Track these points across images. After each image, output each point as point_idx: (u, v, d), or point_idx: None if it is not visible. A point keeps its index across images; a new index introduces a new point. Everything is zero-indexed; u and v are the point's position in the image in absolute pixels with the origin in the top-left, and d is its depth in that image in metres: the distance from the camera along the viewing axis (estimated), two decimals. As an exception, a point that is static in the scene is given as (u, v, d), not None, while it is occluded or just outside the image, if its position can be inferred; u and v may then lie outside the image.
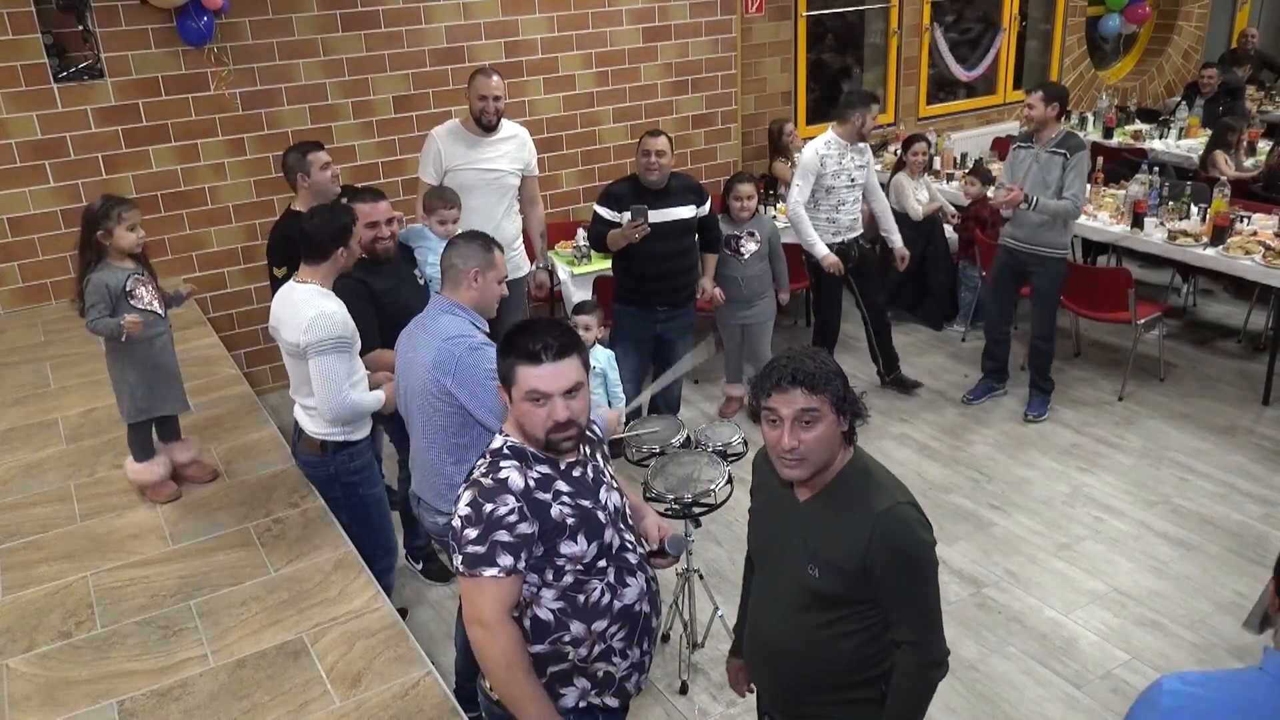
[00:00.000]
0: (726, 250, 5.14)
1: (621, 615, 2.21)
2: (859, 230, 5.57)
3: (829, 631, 2.15)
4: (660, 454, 3.59)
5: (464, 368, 2.82)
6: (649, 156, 4.55)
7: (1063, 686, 3.59)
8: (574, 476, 2.18)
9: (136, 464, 3.62)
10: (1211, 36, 10.34)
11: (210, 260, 5.70)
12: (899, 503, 2.08)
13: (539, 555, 2.10)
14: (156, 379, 3.50)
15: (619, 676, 2.25)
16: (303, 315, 3.13)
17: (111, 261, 3.37)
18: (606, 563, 2.18)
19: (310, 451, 3.44)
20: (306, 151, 4.15)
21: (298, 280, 3.26)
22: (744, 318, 5.31)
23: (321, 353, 3.12)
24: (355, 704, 2.64)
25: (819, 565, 2.11)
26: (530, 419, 2.11)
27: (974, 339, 6.50)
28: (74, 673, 2.81)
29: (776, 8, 7.28)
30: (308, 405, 3.34)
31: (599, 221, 4.68)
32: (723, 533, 4.46)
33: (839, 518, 2.09)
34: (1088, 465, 5.02)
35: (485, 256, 2.96)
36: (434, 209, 4.20)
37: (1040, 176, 5.05)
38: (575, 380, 2.11)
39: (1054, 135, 5.04)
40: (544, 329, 2.12)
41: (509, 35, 6.22)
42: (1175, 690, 1.55)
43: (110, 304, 3.32)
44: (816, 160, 5.34)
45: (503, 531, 2.04)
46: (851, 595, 2.10)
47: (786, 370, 2.01)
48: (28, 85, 5.07)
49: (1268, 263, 5.33)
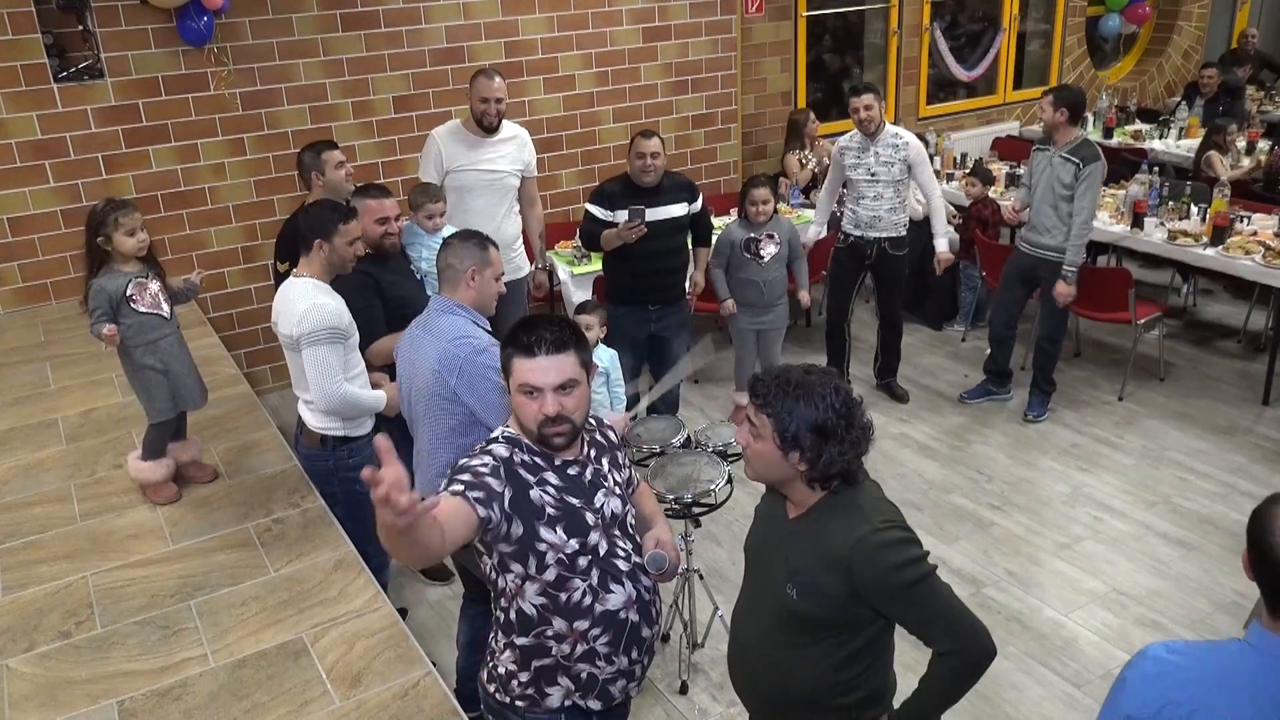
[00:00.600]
0: (746, 254, 5.07)
1: (604, 619, 2.20)
2: (887, 231, 5.39)
3: (799, 655, 2.12)
4: (660, 454, 3.59)
5: (469, 368, 2.82)
6: (644, 159, 4.53)
7: (1063, 686, 3.59)
8: (568, 474, 2.19)
9: (141, 461, 3.62)
10: (1211, 36, 10.34)
11: (210, 260, 5.70)
12: (874, 529, 2.00)
13: (519, 535, 2.10)
14: (169, 380, 3.51)
15: (602, 679, 2.25)
16: (296, 308, 3.16)
17: (115, 265, 3.38)
18: (589, 564, 2.17)
19: (310, 445, 3.46)
20: (321, 150, 4.20)
21: (295, 274, 3.29)
22: (760, 324, 5.23)
23: (314, 343, 3.14)
24: (355, 704, 2.64)
25: (797, 586, 2.08)
26: (523, 411, 2.14)
27: (974, 339, 6.51)
28: (74, 673, 2.81)
29: (776, 8, 7.28)
30: (308, 399, 3.36)
31: (592, 220, 4.68)
32: (723, 533, 4.46)
33: (818, 543, 2.06)
34: (1088, 465, 5.02)
35: (481, 255, 2.96)
36: (420, 205, 4.22)
37: (1050, 181, 5.05)
38: (569, 376, 2.12)
39: (1070, 140, 5.00)
40: (545, 324, 2.14)
41: (509, 35, 6.22)
42: (1159, 658, 1.59)
43: (111, 309, 3.34)
44: (838, 153, 5.45)
45: (467, 474, 2.07)
46: (827, 619, 2.07)
47: (755, 376, 2.08)
48: (28, 85, 5.07)
49: (1268, 263, 5.33)
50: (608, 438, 2.37)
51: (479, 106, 4.72)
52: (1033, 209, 5.21)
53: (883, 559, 1.98)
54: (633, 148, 4.59)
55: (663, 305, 4.79)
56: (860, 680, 2.13)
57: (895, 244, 5.44)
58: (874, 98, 5.20)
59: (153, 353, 3.46)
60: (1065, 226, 5.05)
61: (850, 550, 1.99)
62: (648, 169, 4.54)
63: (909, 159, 5.28)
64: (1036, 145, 5.29)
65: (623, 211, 4.54)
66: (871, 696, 2.17)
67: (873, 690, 2.17)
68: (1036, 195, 5.15)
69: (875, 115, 5.22)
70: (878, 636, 2.13)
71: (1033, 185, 5.21)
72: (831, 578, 2.02)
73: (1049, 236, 5.12)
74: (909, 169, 5.30)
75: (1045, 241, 5.14)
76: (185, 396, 3.59)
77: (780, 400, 2.00)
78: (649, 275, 4.70)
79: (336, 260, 3.27)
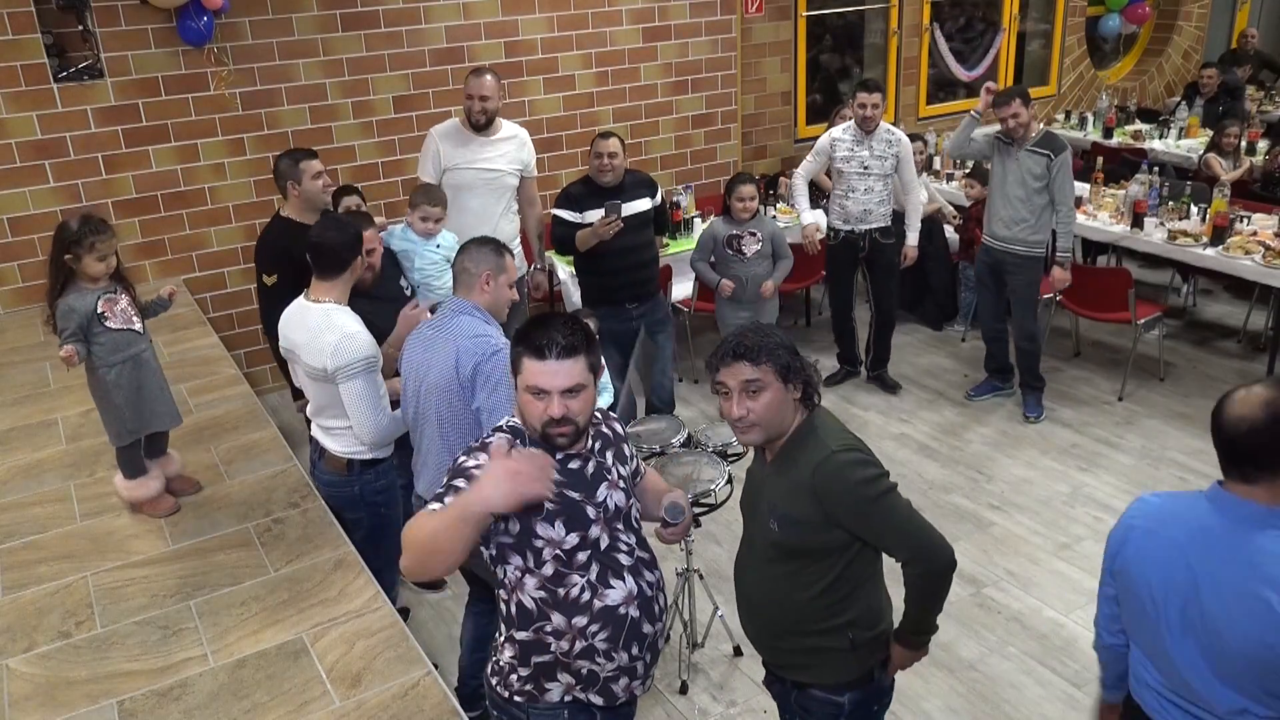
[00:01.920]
0: (728, 250, 5.19)
1: (603, 615, 2.20)
2: (875, 223, 5.52)
3: (791, 582, 2.32)
4: (660, 454, 3.60)
5: (487, 366, 2.83)
6: (601, 159, 4.64)
7: (1063, 686, 3.59)
8: (569, 468, 2.19)
9: (128, 480, 3.52)
10: (1211, 36, 10.34)
11: (210, 260, 5.71)
12: (832, 452, 2.21)
13: (516, 532, 2.11)
14: (140, 398, 3.39)
15: (604, 676, 2.24)
16: (324, 340, 3.03)
17: (81, 283, 3.25)
18: (589, 558, 2.18)
19: (334, 471, 3.33)
20: (299, 159, 4.06)
21: (311, 299, 3.15)
22: (747, 319, 5.29)
23: (351, 377, 3.04)
24: (355, 704, 2.64)
25: (777, 519, 2.29)
26: (529, 410, 2.15)
27: (974, 339, 6.50)
28: (74, 673, 2.81)
29: (776, 8, 7.29)
30: (330, 426, 3.25)
31: (562, 224, 4.72)
32: (723, 533, 4.46)
33: (788, 475, 2.27)
34: (1087, 465, 5.02)
35: (496, 261, 2.98)
36: (418, 204, 4.15)
37: (1020, 175, 5.08)
38: (577, 380, 2.12)
39: (1034, 134, 5.06)
40: (558, 325, 2.14)
41: (509, 35, 6.22)
42: (1146, 500, 2.11)
43: (82, 328, 3.21)
44: (828, 142, 5.52)
45: (461, 479, 2.07)
46: (809, 546, 2.27)
47: (730, 346, 2.23)
48: (28, 85, 5.07)
49: (1268, 263, 5.33)
50: (613, 429, 2.37)
51: (466, 104, 4.77)
52: (996, 204, 5.22)
53: (843, 478, 2.20)
54: (592, 148, 4.68)
55: (640, 302, 4.87)
56: (849, 602, 2.32)
57: (884, 233, 5.58)
58: (882, 97, 5.37)
59: (127, 370, 3.32)
60: (1035, 219, 5.09)
61: (813, 475, 2.21)
62: (605, 168, 4.64)
63: (900, 155, 5.45)
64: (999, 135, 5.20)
65: (592, 213, 4.60)
66: (865, 616, 2.35)
67: (864, 610, 2.35)
68: (1004, 191, 5.17)
69: (879, 115, 5.38)
70: (858, 560, 2.30)
71: (994, 182, 5.24)
72: (803, 504, 2.23)
73: (1014, 229, 5.15)
74: (898, 163, 5.45)
75: (1010, 234, 5.17)
76: (155, 415, 3.45)
77: (766, 348, 2.21)
78: (624, 271, 4.76)
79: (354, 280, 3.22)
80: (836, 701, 2.40)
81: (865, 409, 5.69)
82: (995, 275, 5.39)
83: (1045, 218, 5.11)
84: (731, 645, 3.82)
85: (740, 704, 3.57)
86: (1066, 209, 5.06)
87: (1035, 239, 5.15)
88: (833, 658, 2.35)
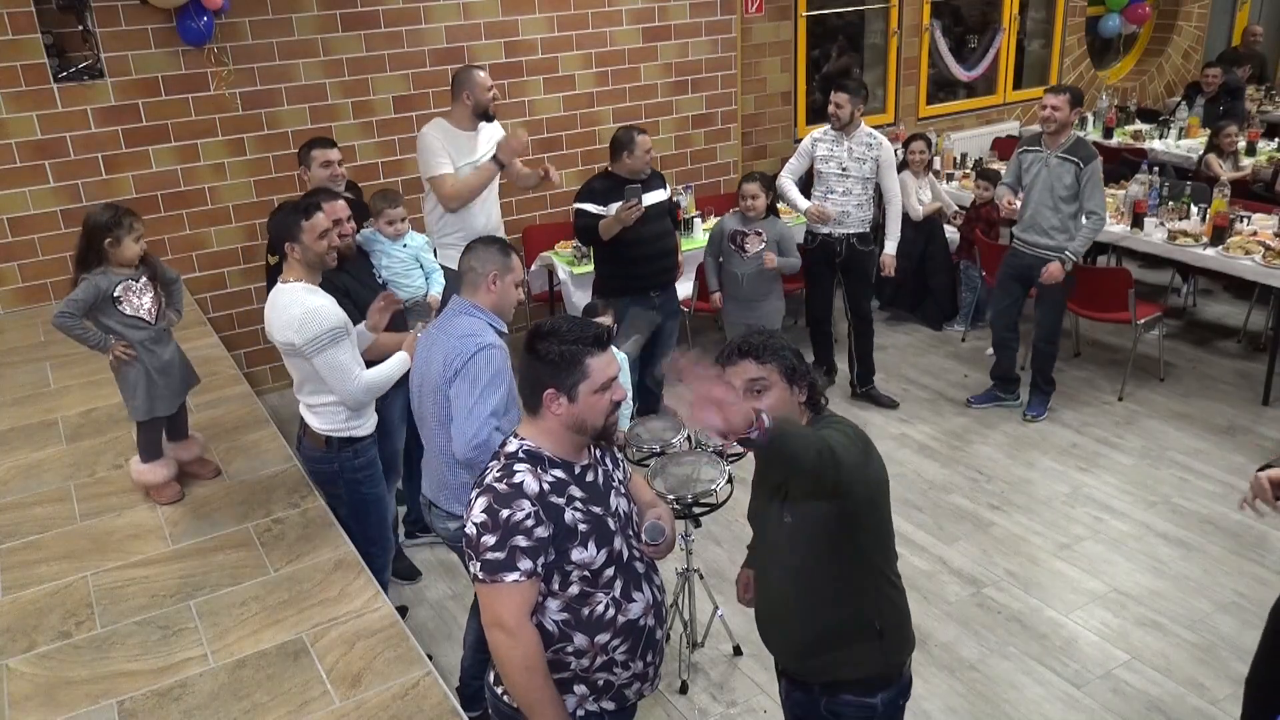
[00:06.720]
0: (731, 246, 5.23)
1: (625, 629, 2.21)
2: (855, 228, 5.47)
3: (814, 567, 2.29)
4: (660, 454, 3.60)
5: (472, 364, 2.84)
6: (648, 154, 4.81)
7: (1063, 686, 3.59)
8: (587, 481, 2.19)
9: (142, 464, 3.62)
10: (1212, 36, 10.34)
11: (210, 260, 5.71)
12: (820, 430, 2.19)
13: (550, 560, 2.10)
14: (150, 381, 3.51)
15: (619, 684, 2.25)
16: (290, 315, 3.13)
17: (111, 267, 3.39)
18: (614, 573, 2.18)
19: (315, 447, 3.44)
20: (313, 147, 4.24)
21: (282, 280, 3.26)
22: (751, 319, 5.25)
23: (320, 349, 3.12)
24: (355, 704, 2.64)
25: (788, 510, 2.29)
26: (596, 408, 2.15)
27: (974, 339, 6.51)
28: (74, 673, 2.81)
29: (776, 8, 7.28)
30: (311, 403, 3.35)
31: (586, 216, 4.80)
32: (722, 533, 4.46)
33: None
34: (1088, 465, 5.02)
35: (503, 261, 3.00)
36: (380, 210, 4.19)
37: (1049, 182, 5.04)
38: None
39: (1064, 141, 5.01)
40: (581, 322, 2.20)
41: (509, 35, 6.22)
42: None
43: (89, 303, 3.35)
44: (810, 143, 5.51)
45: (520, 536, 2.05)
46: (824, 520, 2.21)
47: (735, 345, 2.25)
48: (28, 85, 5.07)
49: (1267, 263, 5.33)
50: None
51: (485, 96, 4.74)
52: (1029, 211, 5.20)
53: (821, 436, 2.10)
54: (638, 145, 4.76)
55: (661, 290, 4.99)
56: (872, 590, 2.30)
57: (862, 239, 5.54)
58: (847, 98, 5.28)
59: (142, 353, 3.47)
60: (1066, 228, 5.06)
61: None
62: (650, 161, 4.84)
63: (880, 159, 5.39)
64: (1023, 147, 5.27)
65: (615, 205, 4.67)
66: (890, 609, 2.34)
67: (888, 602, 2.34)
68: (1033, 198, 5.14)
69: (844, 115, 5.30)
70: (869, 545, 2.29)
71: (1027, 187, 5.20)
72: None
73: (1049, 238, 5.12)
74: (878, 168, 5.40)
75: (1045, 242, 5.14)
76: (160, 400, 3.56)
77: (771, 348, 2.23)
78: (647, 259, 4.85)
79: (312, 258, 3.22)
80: (869, 704, 2.37)
81: (865, 409, 5.68)
82: (1022, 279, 5.34)
83: (1076, 224, 5.08)
84: (731, 645, 3.82)
85: (740, 704, 3.57)
86: (1099, 216, 5.02)
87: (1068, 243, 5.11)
88: (861, 650, 2.32)
